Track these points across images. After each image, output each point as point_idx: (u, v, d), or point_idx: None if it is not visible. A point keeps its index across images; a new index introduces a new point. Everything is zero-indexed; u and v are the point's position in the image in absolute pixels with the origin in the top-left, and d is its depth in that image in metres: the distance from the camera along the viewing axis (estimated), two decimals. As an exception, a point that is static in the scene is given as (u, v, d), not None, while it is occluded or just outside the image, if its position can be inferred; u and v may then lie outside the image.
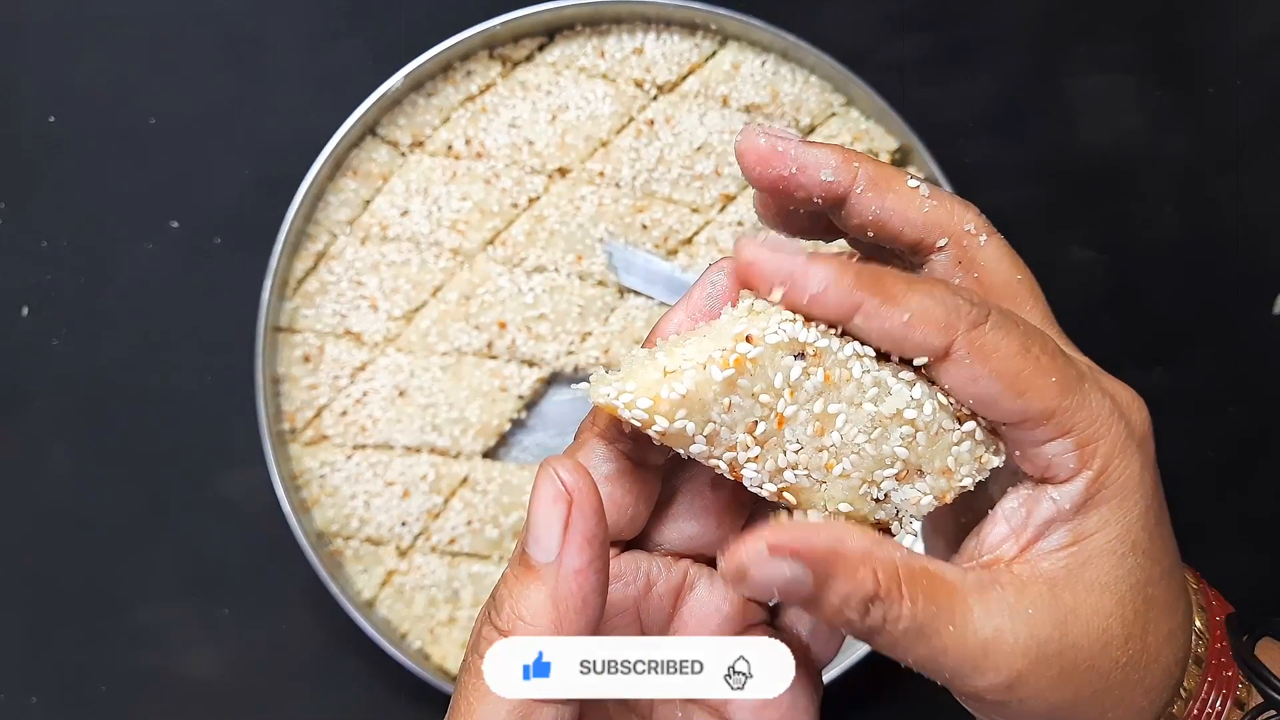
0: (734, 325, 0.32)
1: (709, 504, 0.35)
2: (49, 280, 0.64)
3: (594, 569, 0.30)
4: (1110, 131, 0.68)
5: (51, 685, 0.64)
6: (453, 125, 0.64)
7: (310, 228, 0.63)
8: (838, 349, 0.32)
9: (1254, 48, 0.68)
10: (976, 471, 0.33)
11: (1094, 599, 0.32)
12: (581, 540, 0.30)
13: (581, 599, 0.30)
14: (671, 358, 0.32)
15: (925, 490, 0.33)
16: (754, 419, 0.32)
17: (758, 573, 0.30)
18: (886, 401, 0.32)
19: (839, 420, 0.32)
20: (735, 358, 0.31)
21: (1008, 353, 0.31)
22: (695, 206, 0.64)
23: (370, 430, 0.62)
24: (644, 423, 0.31)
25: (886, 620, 0.31)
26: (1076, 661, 0.32)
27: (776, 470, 0.32)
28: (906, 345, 0.30)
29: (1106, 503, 0.32)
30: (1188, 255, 0.67)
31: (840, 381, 0.32)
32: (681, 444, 0.32)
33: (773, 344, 0.31)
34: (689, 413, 0.31)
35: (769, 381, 0.31)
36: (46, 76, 0.65)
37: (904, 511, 0.33)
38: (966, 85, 0.67)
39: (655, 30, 0.64)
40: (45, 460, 0.64)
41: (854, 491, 0.33)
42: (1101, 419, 0.32)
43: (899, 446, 0.32)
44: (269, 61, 0.66)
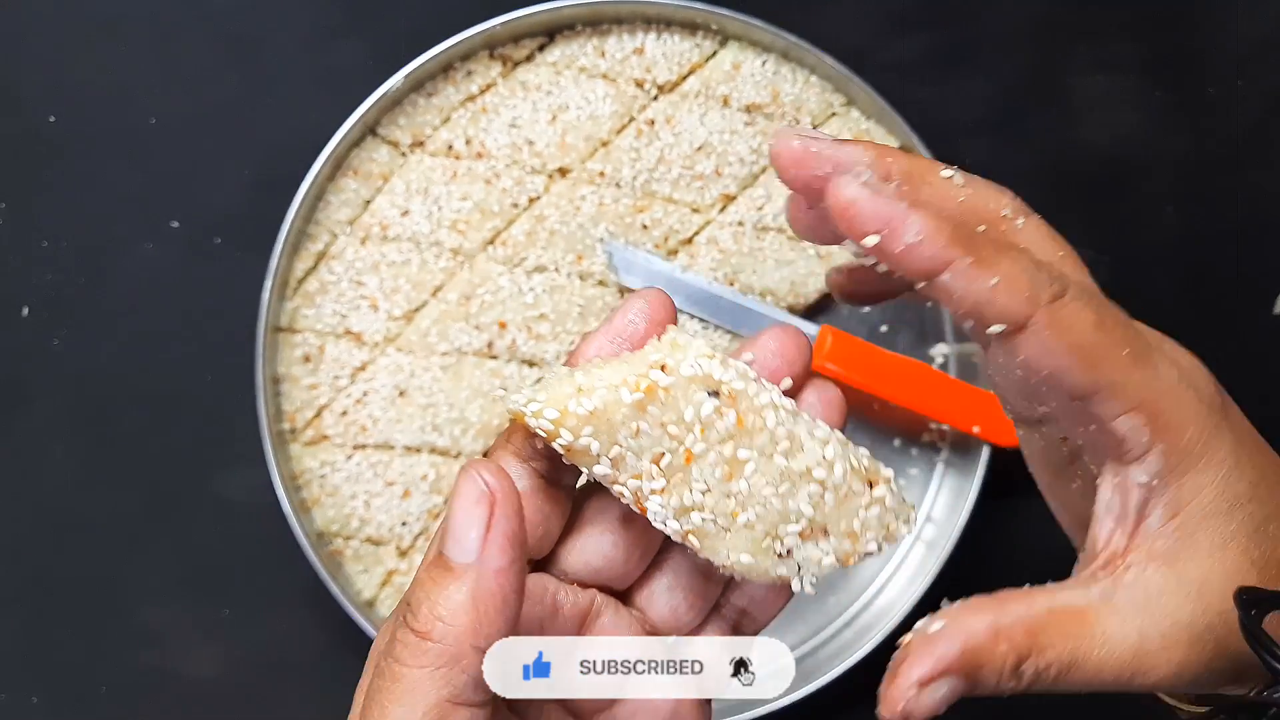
0: (653, 354, 0.32)
1: (618, 538, 0.35)
2: (49, 280, 0.64)
3: (514, 570, 0.30)
4: (1110, 131, 0.68)
5: (52, 685, 0.64)
6: (453, 125, 0.64)
7: (310, 228, 0.63)
8: (754, 394, 0.32)
9: (1254, 48, 0.68)
10: (884, 539, 0.33)
11: (1218, 560, 0.32)
12: (504, 540, 0.29)
13: (502, 599, 0.29)
14: (589, 377, 0.32)
15: (828, 551, 0.33)
16: (661, 450, 0.32)
17: (922, 710, 0.30)
18: (798, 458, 0.32)
19: (748, 468, 0.32)
20: (647, 384, 0.31)
21: (1084, 327, 0.31)
22: (696, 206, 0.64)
23: (370, 430, 0.62)
24: (549, 434, 0.31)
25: (1039, 674, 0.31)
26: (1229, 624, 0.32)
27: (683, 509, 0.32)
28: (989, 310, 0.30)
29: (1192, 468, 0.32)
30: (1188, 255, 0.67)
31: (753, 428, 0.32)
32: (586, 462, 0.32)
33: (687, 376, 0.32)
34: (595, 430, 0.31)
35: (679, 413, 0.32)
36: (47, 76, 0.65)
37: (805, 569, 0.33)
38: (967, 85, 0.67)
39: (656, 30, 0.64)
40: (45, 460, 0.64)
41: (757, 543, 0.32)
42: (1169, 388, 0.32)
43: (805, 504, 0.32)
44: (269, 61, 0.66)
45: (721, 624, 0.37)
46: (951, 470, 0.65)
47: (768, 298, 0.64)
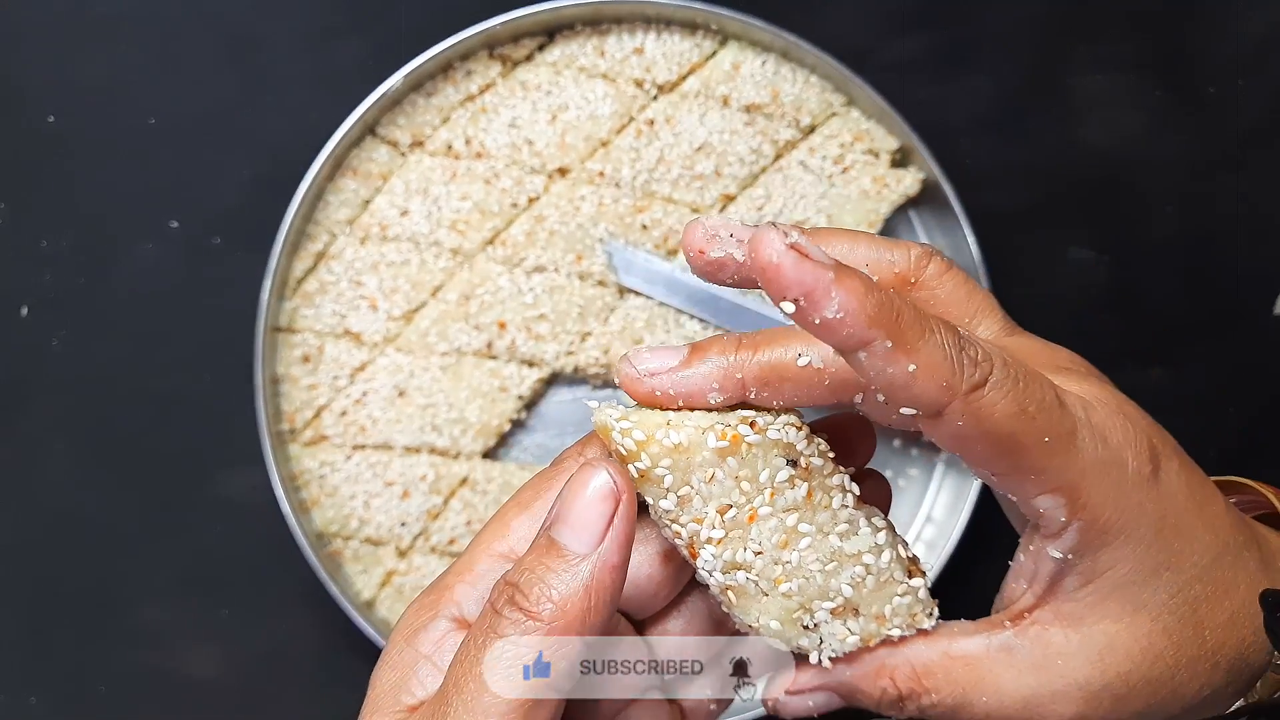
0: (744, 410, 0.33)
1: (654, 573, 0.35)
2: (49, 280, 0.64)
3: (624, 571, 0.31)
4: (1111, 131, 0.68)
5: (51, 685, 0.64)
6: (452, 125, 0.64)
7: (310, 227, 0.63)
8: (828, 474, 0.34)
9: (1254, 48, 0.68)
10: (906, 626, 0.35)
11: (1126, 625, 0.33)
12: (624, 538, 0.30)
13: (612, 594, 0.30)
14: (679, 415, 0.33)
15: (855, 630, 0.34)
16: (729, 502, 0.33)
17: (790, 710, 0.34)
18: (852, 540, 0.33)
19: (804, 541, 0.33)
20: (733, 434, 0.32)
21: (1001, 417, 0.30)
22: (695, 206, 0.64)
23: (370, 430, 0.62)
24: (629, 453, 0.32)
25: (922, 709, 0.33)
26: (1130, 684, 0.33)
27: (732, 565, 0.33)
28: (903, 394, 0.29)
29: (1109, 543, 0.32)
30: (1188, 255, 0.67)
31: (819, 505, 0.33)
32: (655, 493, 0.33)
33: (772, 439, 0.33)
34: (673, 465, 0.32)
35: (755, 472, 0.33)
36: (46, 76, 0.65)
37: (827, 643, 0.34)
38: (967, 85, 0.67)
39: (655, 30, 0.64)
40: (45, 460, 0.64)
41: (789, 613, 0.34)
42: (1090, 468, 0.31)
43: (846, 584, 0.34)
44: (269, 61, 0.66)
45: (719, 672, 0.37)
46: (952, 470, 0.65)
47: (768, 298, 0.64)
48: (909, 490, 0.65)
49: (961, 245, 0.62)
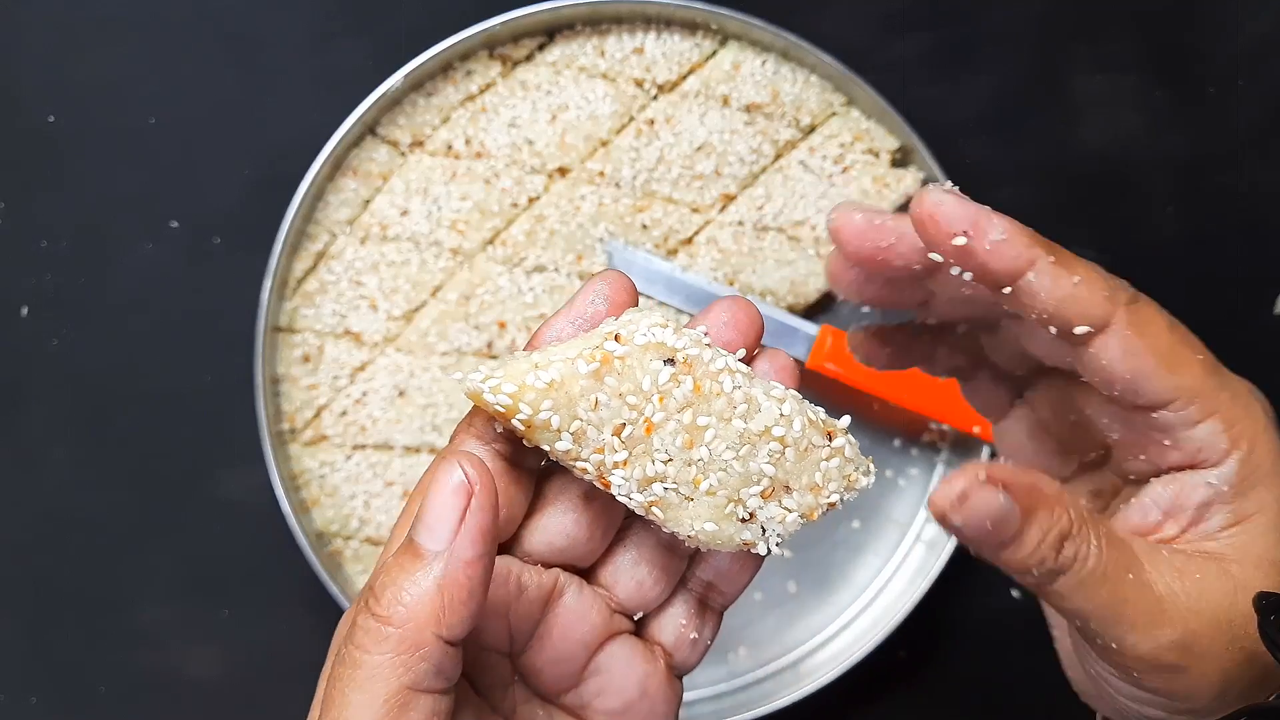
0: (605, 326, 0.33)
1: (580, 516, 0.35)
2: (49, 280, 0.64)
3: (483, 564, 0.30)
4: (1111, 131, 0.68)
5: (51, 686, 0.64)
6: (453, 125, 0.64)
7: (310, 227, 0.63)
8: (709, 359, 0.32)
9: (1255, 47, 0.68)
10: (845, 489, 0.33)
11: (1261, 574, 0.33)
12: (477, 532, 0.30)
13: (468, 590, 0.29)
14: (544, 354, 0.32)
15: (792, 507, 0.33)
16: (621, 420, 0.32)
17: (976, 499, 0.30)
18: (756, 418, 0.32)
19: (708, 434, 0.32)
20: (602, 354, 0.32)
21: (1161, 330, 0.32)
22: (695, 206, 0.64)
23: (370, 430, 0.62)
24: (508, 409, 0.31)
25: (1077, 558, 0.31)
26: (1249, 631, 0.32)
27: (645, 480, 0.32)
28: (1071, 309, 0.31)
29: (1261, 482, 0.33)
30: (1188, 254, 0.67)
31: (710, 394, 0.32)
32: (547, 438, 0.32)
33: (640, 345, 0.32)
34: (554, 405, 0.31)
35: (636, 383, 0.32)
36: (46, 76, 0.65)
37: (770, 530, 0.33)
38: (967, 85, 0.67)
39: (655, 30, 0.64)
40: (44, 460, 0.64)
41: (720, 510, 0.33)
42: (1243, 401, 0.33)
43: (766, 464, 0.32)
44: (269, 61, 0.66)
45: (688, 598, 0.37)
46: (951, 470, 0.65)
47: (768, 297, 0.64)
48: (909, 490, 0.65)
49: (962, 245, 0.62)
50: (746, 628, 0.64)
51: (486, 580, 0.30)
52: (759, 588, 0.65)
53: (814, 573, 0.65)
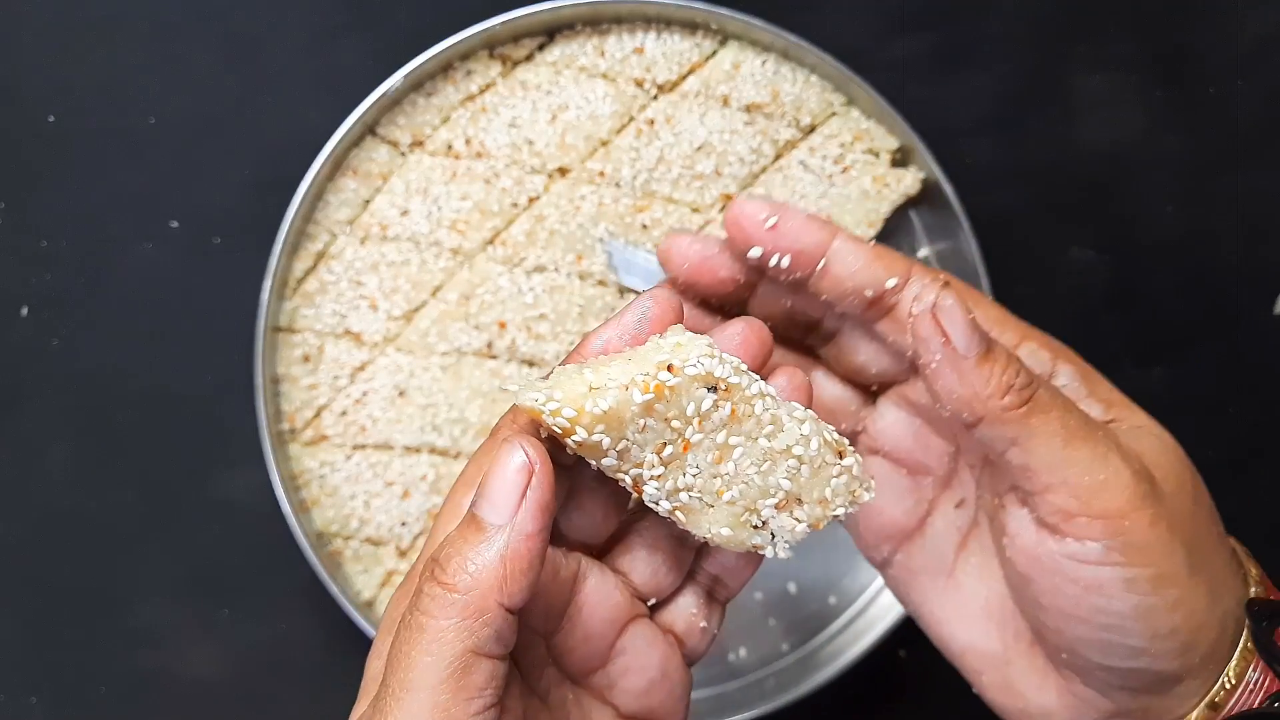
0: (659, 354, 0.35)
1: (594, 499, 0.37)
2: (48, 280, 0.64)
3: (542, 537, 0.32)
4: (1111, 131, 0.68)
5: (51, 685, 0.64)
6: (453, 125, 0.64)
7: (310, 227, 0.63)
8: (746, 385, 0.35)
9: (1254, 47, 0.68)
10: (849, 503, 0.36)
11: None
12: (537, 507, 0.32)
13: (529, 560, 0.32)
14: (598, 375, 0.34)
15: (802, 518, 0.36)
16: (663, 441, 0.35)
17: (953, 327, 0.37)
18: (779, 438, 0.35)
19: (736, 452, 0.35)
20: (656, 384, 0.34)
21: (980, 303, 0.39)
22: (695, 206, 0.64)
23: (370, 430, 0.62)
24: (565, 430, 0.33)
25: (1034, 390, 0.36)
26: (1214, 515, 0.39)
27: (674, 490, 0.35)
28: (871, 271, 0.38)
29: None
30: (1188, 255, 0.67)
31: (743, 417, 0.35)
32: (595, 455, 0.34)
33: (691, 375, 0.34)
34: (607, 428, 0.34)
35: (682, 409, 0.34)
36: (46, 76, 0.65)
37: (779, 536, 0.36)
38: (967, 84, 0.67)
39: (655, 30, 0.64)
40: (44, 460, 0.64)
41: (736, 518, 0.36)
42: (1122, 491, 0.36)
43: (784, 478, 0.35)
44: (269, 61, 0.66)
45: (696, 589, 0.40)
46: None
47: (768, 297, 0.64)
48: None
49: (962, 245, 0.62)
50: (746, 628, 0.64)
51: (543, 553, 0.32)
52: (759, 588, 0.65)
53: (814, 573, 0.65)
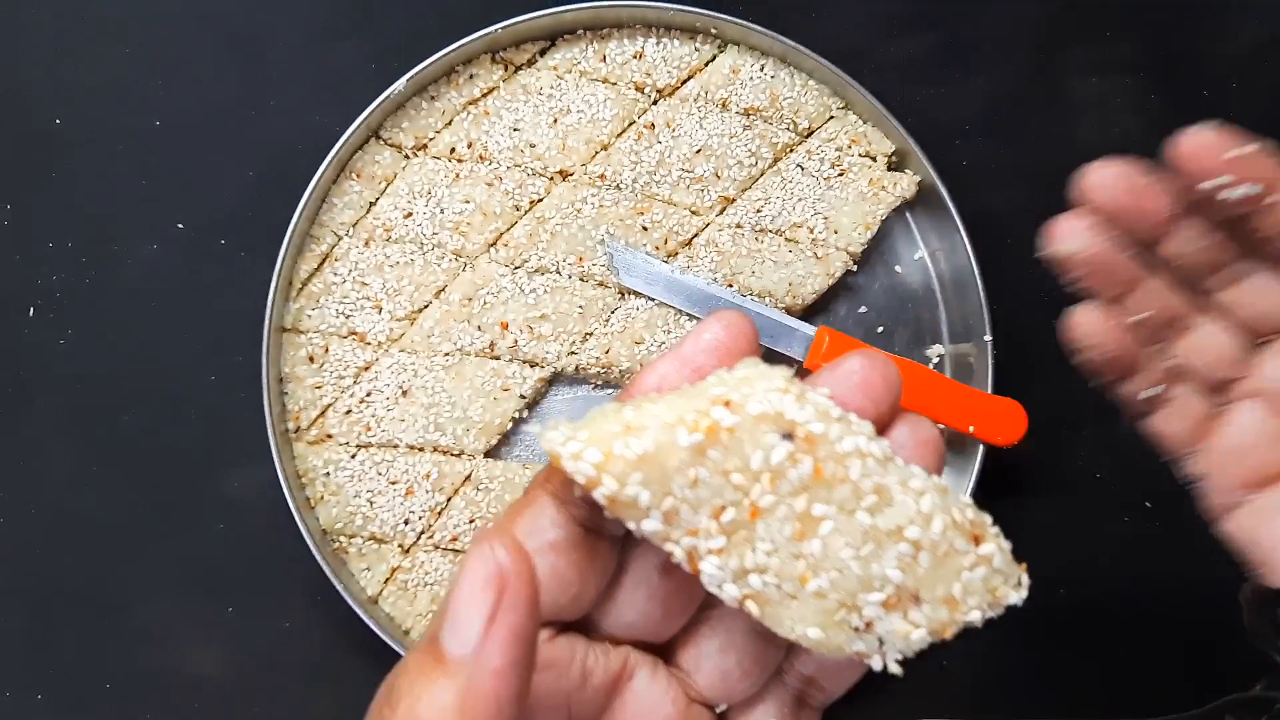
0: (715, 387, 0.27)
1: (656, 589, 0.29)
2: (54, 281, 0.65)
3: (516, 672, 0.25)
4: (1107, 133, 0.68)
5: (56, 683, 0.64)
6: (455, 128, 0.64)
7: (314, 229, 0.63)
8: (836, 438, 0.27)
9: (1250, 51, 0.68)
10: (988, 606, 0.28)
11: None
12: (508, 635, 0.25)
13: (496, 705, 0.25)
14: (639, 413, 0.27)
15: (920, 621, 0.27)
16: (722, 503, 0.26)
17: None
18: (886, 513, 0.27)
19: (824, 527, 0.27)
20: (708, 423, 0.26)
21: None
22: (695, 209, 0.65)
23: (374, 429, 0.62)
24: (590, 480, 0.26)
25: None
26: None
27: (742, 571, 0.27)
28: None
29: None
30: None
31: (833, 480, 0.27)
32: (633, 516, 0.26)
33: (755, 415, 0.26)
34: (645, 479, 0.26)
35: (745, 460, 0.26)
36: (52, 79, 0.66)
37: (889, 644, 0.28)
38: (963, 87, 0.67)
39: (655, 35, 0.65)
40: (50, 459, 0.64)
41: (829, 615, 0.27)
42: None
43: (893, 568, 0.27)
44: (273, 64, 0.66)
45: (783, 694, 0.31)
46: (947, 470, 0.65)
47: (766, 299, 0.65)
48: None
49: (957, 247, 0.63)
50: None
51: (520, 692, 0.25)
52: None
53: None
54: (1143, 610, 0.66)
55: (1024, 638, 0.65)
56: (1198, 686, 0.64)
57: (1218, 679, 0.63)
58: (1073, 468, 0.66)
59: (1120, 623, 0.66)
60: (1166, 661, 0.65)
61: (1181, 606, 0.65)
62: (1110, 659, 0.66)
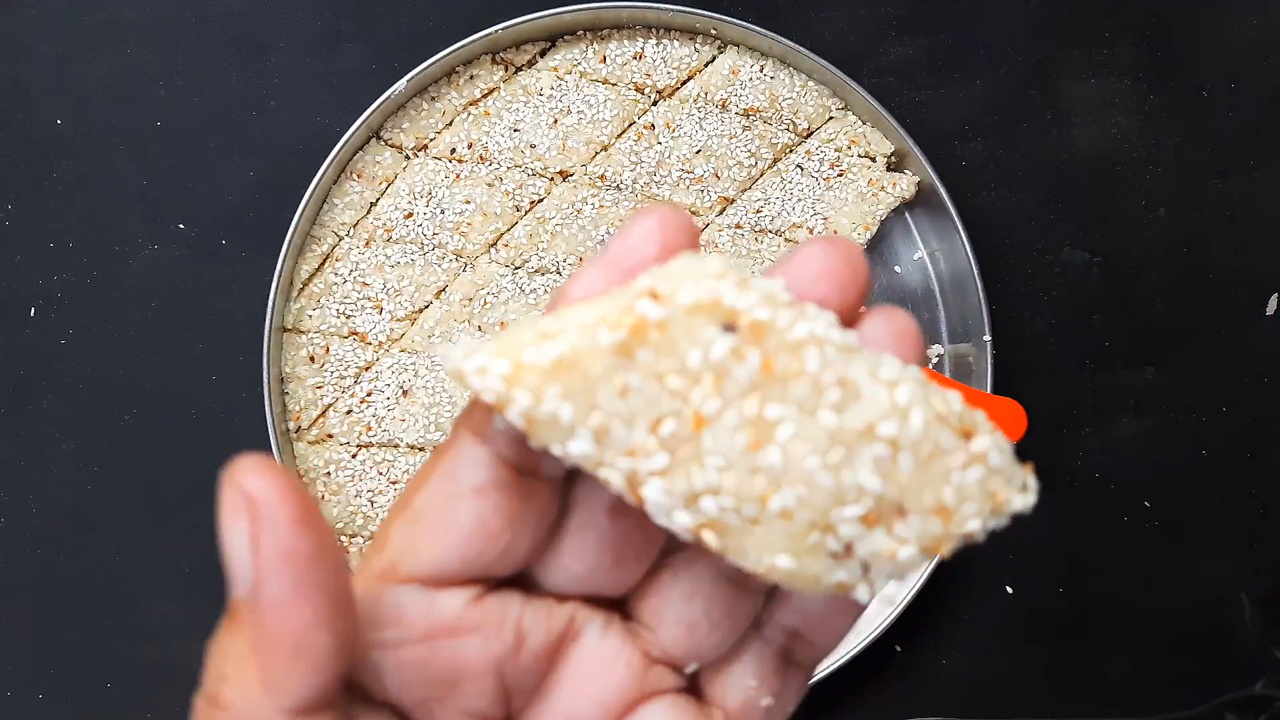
0: (643, 279, 0.23)
1: (605, 534, 0.25)
2: (56, 281, 0.65)
3: (308, 598, 0.22)
4: (1105, 134, 0.68)
5: (58, 682, 0.64)
6: (456, 129, 0.64)
7: (315, 230, 0.63)
8: (787, 325, 0.23)
9: (1248, 51, 0.68)
10: (988, 513, 0.23)
11: None
12: (277, 561, 0.22)
13: (294, 641, 0.22)
14: (557, 320, 0.23)
15: (908, 536, 0.23)
16: (660, 413, 0.22)
17: None
18: (854, 410, 0.23)
19: (782, 432, 0.23)
20: (633, 319, 0.22)
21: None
22: (695, 209, 0.65)
23: (375, 429, 0.63)
24: (500, 399, 0.22)
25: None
26: None
27: (693, 494, 0.23)
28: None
29: None
30: (1181, 258, 0.68)
31: (786, 374, 0.22)
32: (557, 437, 0.23)
33: (687, 305, 0.22)
34: (565, 390, 0.22)
35: (681, 360, 0.22)
36: (53, 80, 0.66)
37: (875, 569, 0.23)
38: (962, 88, 0.67)
39: (655, 36, 0.65)
40: (52, 459, 0.64)
41: (800, 539, 0.23)
42: None
43: (869, 474, 0.23)
44: (274, 65, 0.66)
45: (764, 649, 0.27)
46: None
47: (766, 299, 0.64)
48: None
49: (956, 248, 0.63)
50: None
51: (326, 619, 0.22)
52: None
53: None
54: (1142, 609, 0.66)
55: (1023, 637, 0.65)
56: (1197, 685, 0.64)
57: (1218, 678, 0.63)
58: (1072, 467, 0.66)
59: (1120, 622, 0.66)
60: (1166, 660, 0.65)
61: (1181, 605, 0.65)
62: (1110, 658, 0.66)
